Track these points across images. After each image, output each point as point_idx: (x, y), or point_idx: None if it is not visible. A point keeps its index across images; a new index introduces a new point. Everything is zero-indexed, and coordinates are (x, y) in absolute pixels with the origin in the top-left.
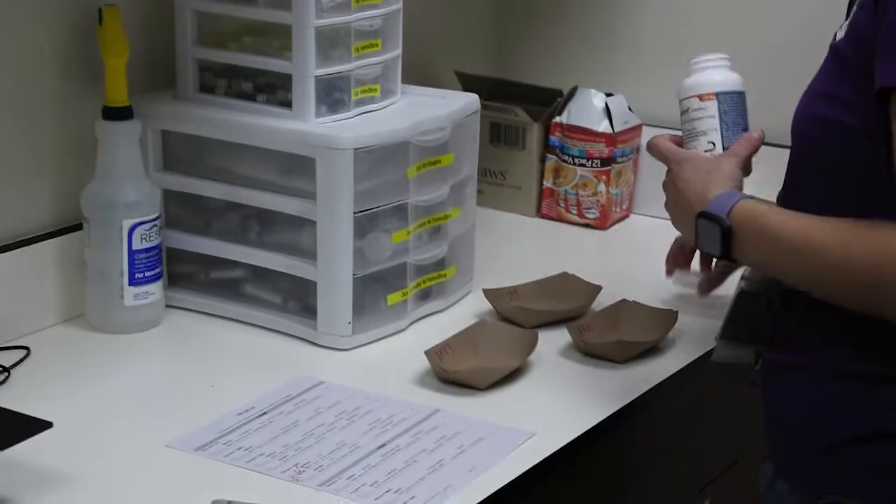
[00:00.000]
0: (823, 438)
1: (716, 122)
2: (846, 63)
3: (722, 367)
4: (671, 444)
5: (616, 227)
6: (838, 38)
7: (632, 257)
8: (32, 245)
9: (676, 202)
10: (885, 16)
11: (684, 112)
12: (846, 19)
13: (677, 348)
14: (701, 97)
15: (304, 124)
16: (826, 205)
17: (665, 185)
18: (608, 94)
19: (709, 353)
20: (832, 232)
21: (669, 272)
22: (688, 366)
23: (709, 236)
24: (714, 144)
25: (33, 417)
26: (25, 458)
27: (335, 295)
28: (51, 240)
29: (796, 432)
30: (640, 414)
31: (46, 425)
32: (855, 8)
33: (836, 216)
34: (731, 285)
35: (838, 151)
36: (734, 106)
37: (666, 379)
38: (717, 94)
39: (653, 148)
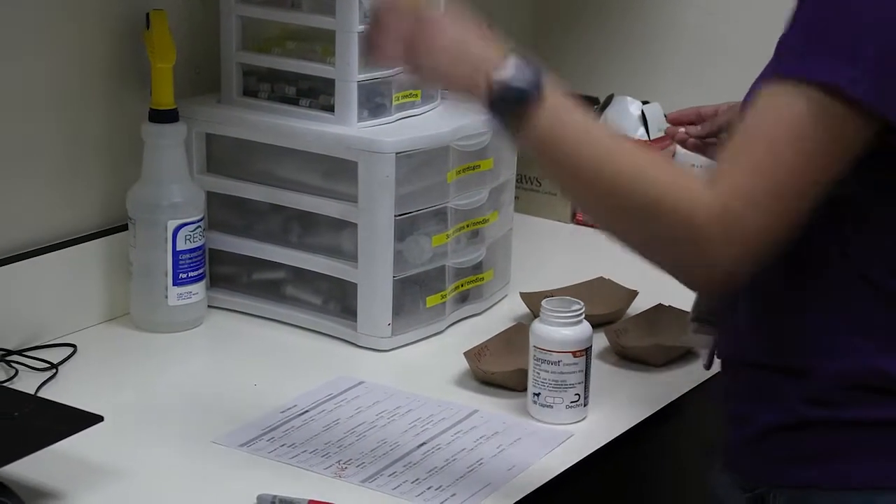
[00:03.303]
0: (752, 429)
1: None
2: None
3: None
4: (707, 447)
5: None
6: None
7: None
8: (79, 245)
9: (456, 58)
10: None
11: None
12: None
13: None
14: None
15: (346, 128)
16: None
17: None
18: (644, 102)
19: None
20: (638, 164)
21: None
22: None
23: (503, 105)
24: None
25: (84, 411)
26: (75, 452)
27: (375, 297)
28: (97, 240)
29: (732, 424)
30: (676, 417)
31: (97, 419)
32: None
33: None
34: None
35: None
36: None
37: (702, 382)
38: None
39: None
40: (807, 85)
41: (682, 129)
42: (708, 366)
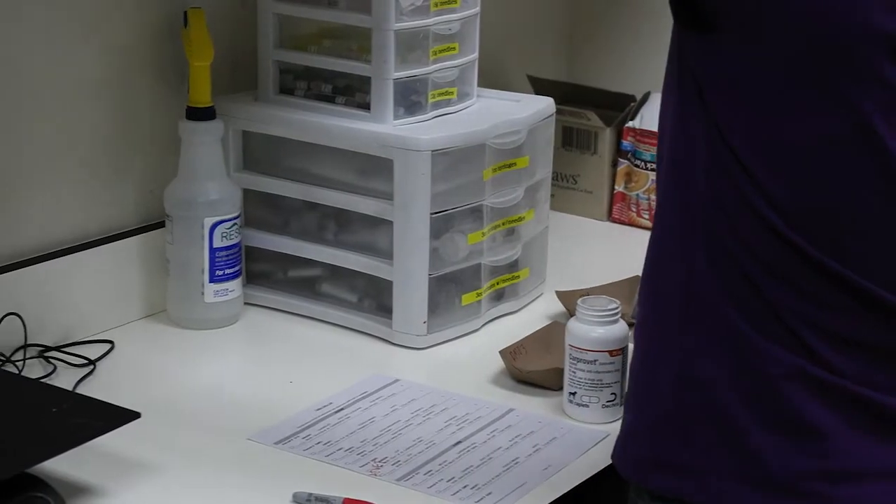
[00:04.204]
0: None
1: None
2: None
3: None
4: None
5: None
6: None
7: None
8: (117, 242)
9: None
10: None
11: None
12: None
13: None
14: None
15: (382, 126)
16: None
17: None
18: None
19: None
20: None
21: None
22: None
23: None
24: None
25: (122, 408)
26: (112, 448)
27: (411, 294)
28: (135, 237)
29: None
30: None
31: (134, 415)
32: None
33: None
34: None
35: None
36: None
37: None
38: None
39: None
40: None
41: None
42: None
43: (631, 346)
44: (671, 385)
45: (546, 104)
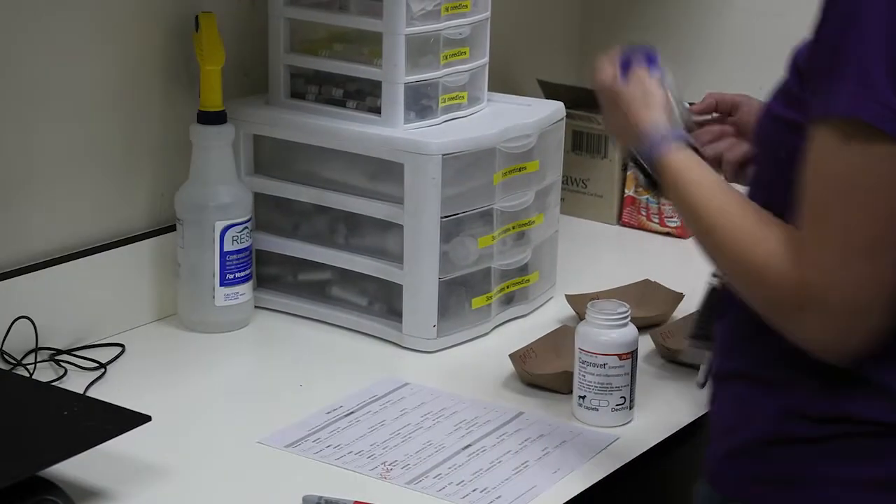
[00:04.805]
0: (733, 442)
1: None
2: (802, 72)
3: None
4: None
5: None
6: (804, 43)
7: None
8: (128, 245)
9: (621, 134)
10: (820, 41)
11: None
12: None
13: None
14: None
15: (392, 130)
16: (785, 204)
17: (605, 119)
18: (690, 104)
19: None
20: (734, 224)
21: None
22: None
23: (639, 177)
24: None
25: (133, 411)
26: (122, 451)
27: (421, 298)
28: (145, 240)
29: (715, 435)
30: None
31: (145, 419)
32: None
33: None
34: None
35: (794, 150)
36: None
37: None
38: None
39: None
40: (838, 120)
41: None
42: (702, 383)
43: (640, 349)
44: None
45: (556, 108)
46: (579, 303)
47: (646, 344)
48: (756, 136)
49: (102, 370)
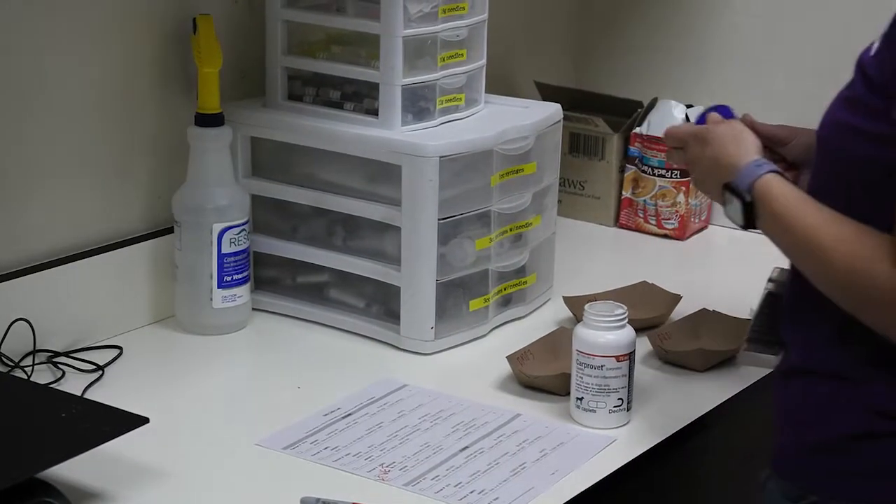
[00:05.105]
0: (812, 436)
1: None
2: (871, 79)
3: None
4: (749, 453)
5: (694, 237)
6: (873, 50)
7: (710, 268)
8: (126, 247)
9: (704, 177)
10: None
11: None
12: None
13: (757, 358)
14: None
15: (390, 132)
16: (844, 211)
17: (691, 161)
18: (688, 106)
19: None
20: (835, 238)
21: None
22: (768, 375)
23: (733, 207)
24: None
25: (131, 413)
26: (120, 453)
27: (418, 300)
28: (143, 243)
29: (789, 430)
30: (719, 422)
31: (143, 421)
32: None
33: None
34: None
35: (858, 157)
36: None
37: (746, 388)
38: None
39: (669, 133)
40: None
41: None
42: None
43: (637, 351)
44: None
45: (553, 110)
46: (577, 304)
47: (643, 345)
48: (819, 143)
49: (100, 372)
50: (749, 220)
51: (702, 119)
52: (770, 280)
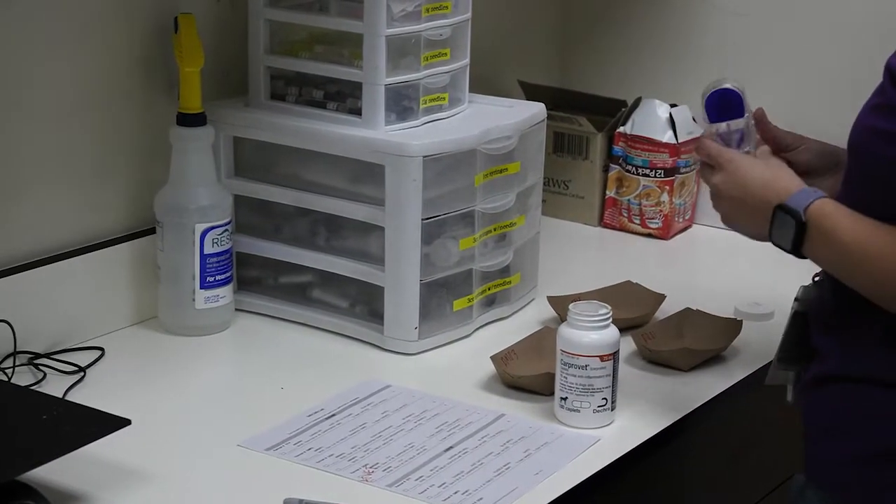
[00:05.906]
0: (857, 446)
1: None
2: None
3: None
4: (733, 452)
5: (679, 237)
6: None
7: (694, 267)
8: (107, 248)
9: (744, 198)
10: None
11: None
12: None
13: (741, 357)
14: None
15: (373, 132)
16: (880, 218)
17: (718, 185)
18: (672, 105)
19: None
20: (889, 245)
21: None
22: (751, 375)
23: (784, 229)
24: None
25: (112, 415)
26: (102, 455)
27: (402, 300)
28: (125, 243)
29: (834, 439)
30: (703, 422)
31: (125, 422)
32: None
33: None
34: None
35: (891, 161)
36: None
37: (729, 388)
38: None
39: (702, 148)
40: None
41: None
42: (794, 400)
43: (621, 350)
44: None
45: (537, 109)
46: (561, 304)
47: (627, 345)
48: (850, 151)
49: (82, 374)
50: (798, 242)
51: (710, 100)
52: (796, 299)
